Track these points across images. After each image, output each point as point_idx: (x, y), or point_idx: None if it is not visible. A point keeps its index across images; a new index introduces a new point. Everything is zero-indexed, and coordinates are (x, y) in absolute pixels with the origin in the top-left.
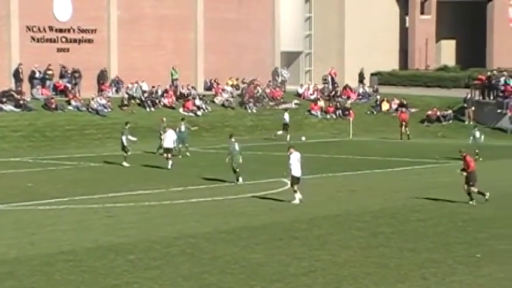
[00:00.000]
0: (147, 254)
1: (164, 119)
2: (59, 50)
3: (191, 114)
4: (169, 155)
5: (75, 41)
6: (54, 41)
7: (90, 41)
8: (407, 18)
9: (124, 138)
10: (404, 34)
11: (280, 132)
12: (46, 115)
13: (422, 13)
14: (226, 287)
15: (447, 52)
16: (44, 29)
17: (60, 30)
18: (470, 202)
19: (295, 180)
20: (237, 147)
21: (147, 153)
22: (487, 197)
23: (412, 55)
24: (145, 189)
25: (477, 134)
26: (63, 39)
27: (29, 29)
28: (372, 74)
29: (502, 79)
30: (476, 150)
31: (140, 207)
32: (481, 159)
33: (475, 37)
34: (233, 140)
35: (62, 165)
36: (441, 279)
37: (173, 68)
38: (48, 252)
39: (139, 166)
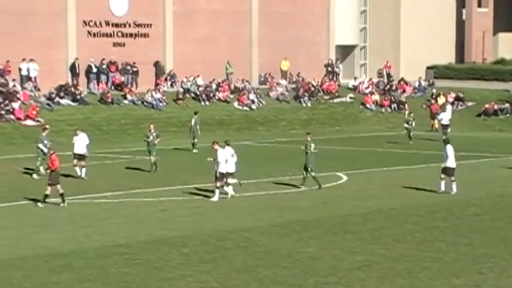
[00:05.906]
0: (201, 248)
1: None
2: (115, 44)
3: (246, 108)
4: (83, 163)
5: (131, 35)
6: (110, 36)
7: (145, 35)
8: (463, 10)
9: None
10: (460, 27)
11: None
12: (102, 109)
13: (479, 6)
14: (280, 280)
15: (505, 45)
16: (100, 24)
17: (116, 25)
18: (39, 204)
19: (220, 176)
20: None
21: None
22: (40, 205)
23: (468, 48)
24: (199, 182)
25: (412, 121)
26: (119, 34)
27: (86, 24)
28: (427, 68)
29: None
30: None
31: (194, 200)
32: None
33: None
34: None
35: (117, 159)
36: (498, 274)
37: (228, 62)
38: (103, 245)
39: (193, 160)
